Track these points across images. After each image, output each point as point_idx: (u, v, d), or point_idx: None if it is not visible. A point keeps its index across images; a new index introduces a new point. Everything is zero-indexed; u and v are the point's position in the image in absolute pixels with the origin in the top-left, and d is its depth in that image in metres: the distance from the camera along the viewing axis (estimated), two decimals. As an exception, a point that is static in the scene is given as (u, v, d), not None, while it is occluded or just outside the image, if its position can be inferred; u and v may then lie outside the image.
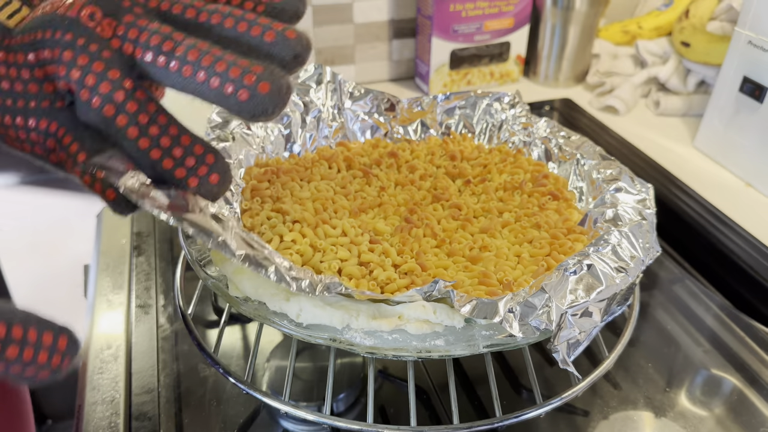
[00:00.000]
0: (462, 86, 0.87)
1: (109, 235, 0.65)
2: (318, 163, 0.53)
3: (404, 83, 0.91)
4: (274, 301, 0.36)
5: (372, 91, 0.58)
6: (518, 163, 0.53)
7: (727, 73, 0.70)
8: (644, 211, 0.42)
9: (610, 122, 0.79)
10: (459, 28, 0.82)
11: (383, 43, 0.88)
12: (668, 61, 0.83)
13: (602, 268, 0.37)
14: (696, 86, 0.82)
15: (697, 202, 0.65)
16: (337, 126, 0.57)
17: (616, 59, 0.88)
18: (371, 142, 0.57)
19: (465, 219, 0.47)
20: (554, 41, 0.85)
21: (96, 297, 0.57)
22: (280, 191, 0.48)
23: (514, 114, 0.56)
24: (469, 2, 0.80)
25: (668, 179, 0.68)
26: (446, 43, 0.82)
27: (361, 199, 0.49)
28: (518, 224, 0.47)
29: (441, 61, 0.84)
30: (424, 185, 0.52)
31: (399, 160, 0.54)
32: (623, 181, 0.46)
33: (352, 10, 0.83)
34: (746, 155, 0.68)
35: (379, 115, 0.58)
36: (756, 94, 0.66)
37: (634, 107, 0.83)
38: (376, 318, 0.34)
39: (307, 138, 0.55)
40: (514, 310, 0.34)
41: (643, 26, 0.89)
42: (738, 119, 0.69)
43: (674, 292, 0.56)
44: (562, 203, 0.48)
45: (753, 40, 0.66)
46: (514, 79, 0.89)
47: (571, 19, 0.83)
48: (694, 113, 0.81)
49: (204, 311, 0.55)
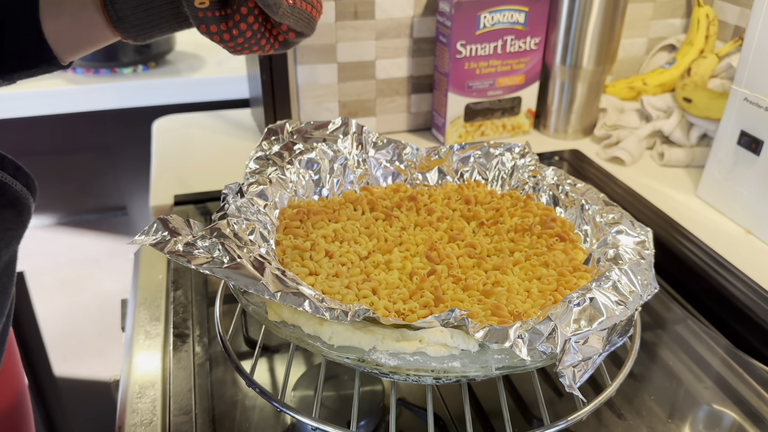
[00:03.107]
0: (476, 137, 0.93)
1: (146, 272, 0.69)
2: (344, 206, 0.58)
3: (421, 134, 0.97)
4: (308, 325, 0.40)
5: (393, 141, 0.63)
6: (528, 207, 0.57)
7: (726, 128, 0.74)
8: (643, 252, 0.47)
9: (617, 172, 0.84)
10: (473, 85, 0.88)
11: (402, 97, 0.94)
12: (672, 115, 0.88)
13: (603, 301, 0.41)
14: (698, 139, 0.87)
15: (699, 248, 0.69)
16: (362, 172, 0.62)
17: (622, 113, 0.93)
18: (392, 187, 0.62)
19: (479, 257, 0.52)
20: (563, 97, 0.91)
21: (134, 328, 0.61)
22: (309, 229, 0.53)
23: (524, 163, 0.61)
24: (482, 61, 0.86)
25: (672, 226, 0.72)
26: (461, 98, 0.88)
27: (384, 239, 0.54)
28: (528, 263, 0.51)
29: (456, 113, 0.90)
30: (441, 226, 0.57)
31: (418, 204, 0.59)
32: (624, 224, 0.50)
33: (375, 67, 0.90)
34: (746, 204, 0.72)
35: (400, 162, 0.64)
36: (753, 147, 0.71)
37: (639, 158, 0.88)
38: (399, 341, 0.38)
39: (334, 183, 0.60)
40: (523, 336, 0.38)
41: (648, 83, 0.95)
42: (737, 170, 0.73)
43: (677, 332, 0.60)
44: (569, 244, 0.52)
45: (749, 97, 0.71)
46: (525, 131, 0.95)
47: (579, 76, 0.89)
48: (696, 164, 0.86)
49: (236, 342, 0.59)
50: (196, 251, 0.40)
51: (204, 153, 0.90)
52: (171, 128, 0.97)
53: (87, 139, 1.07)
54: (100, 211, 1.10)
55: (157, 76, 1.07)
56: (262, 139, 0.60)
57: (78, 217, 1.11)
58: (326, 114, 0.92)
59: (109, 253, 1.11)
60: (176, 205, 0.77)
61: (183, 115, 0.99)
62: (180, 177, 0.84)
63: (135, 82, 1.04)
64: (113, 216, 1.10)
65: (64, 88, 1.00)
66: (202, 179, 0.82)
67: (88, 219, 1.11)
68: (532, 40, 0.87)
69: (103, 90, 1.02)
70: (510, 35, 0.86)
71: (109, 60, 1.04)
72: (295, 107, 0.90)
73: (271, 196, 0.54)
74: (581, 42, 0.86)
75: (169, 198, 0.78)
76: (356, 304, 0.40)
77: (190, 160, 0.88)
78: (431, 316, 0.38)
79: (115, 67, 1.06)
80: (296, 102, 0.90)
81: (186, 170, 0.86)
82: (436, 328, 0.39)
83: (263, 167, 0.56)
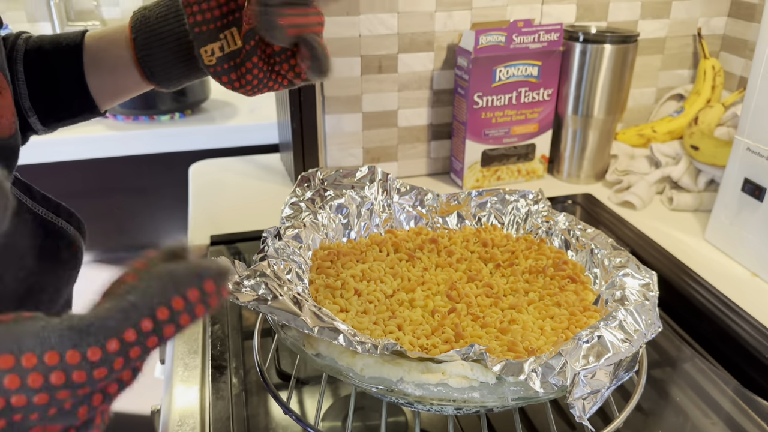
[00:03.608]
0: (492, 182, 0.98)
1: (184, 307, 0.74)
2: (371, 247, 0.63)
3: (440, 177, 1.02)
4: (342, 357, 0.44)
5: (415, 188, 0.69)
6: (541, 250, 0.62)
7: (731, 175, 0.79)
8: (648, 293, 0.51)
9: (628, 216, 0.88)
10: (489, 132, 0.93)
11: (423, 144, 1.00)
12: (680, 161, 0.93)
13: (610, 339, 0.44)
14: (706, 185, 0.91)
15: (707, 290, 0.72)
16: (387, 216, 0.67)
17: (633, 159, 0.98)
18: (415, 230, 0.67)
19: (496, 297, 0.56)
20: (575, 144, 0.96)
21: (174, 361, 0.66)
22: (340, 269, 0.58)
23: (537, 209, 0.66)
24: (498, 111, 0.92)
25: (681, 269, 0.76)
26: (478, 145, 0.94)
27: (407, 279, 0.58)
28: (542, 302, 0.55)
29: (473, 159, 0.95)
30: (461, 267, 0.61)
31: (439, 246, 0.64)
32: (630, 267, 0.54)
33: (397, 116, 0.96)
34: (751, 248, 0.76)
35: (422, 207, 0.68)
36: (756, 194, 0.75)
37: (649, 203, 0.92)
38: (424, 373, 0.42)
39: (362, 226, 0.65)
40: (537, 370, 0.42)
41: (657, 130, 1.00)
42: (742, 215, 0.77)
43: (685, 370, 0.63)
44: (579, 286, 0.56)
45: (751, 147, 0.75)
46: (540, 175, 1.00)
47: (590, 125, 0.94)
48: (704, 209, 0.89)
49: (269, 374, 0.63)
50: (243, 289, 0.45)
51: (236, 196, 0.96)
52: (206, 172, 1.03)
53: (126, 182, 1.14)
54: (135, 249, 1.16)
55: (193, 123, 1.14)
56: (296, 185, 0.66)
57: (115, 254, 1.17)
58: (351, 159, 0.98)
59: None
60: (212, 245, 0.82)
61: (217, 159, 1.06)
62: (214, 218, 0.89)
63: (172, 128, 1.11)
64: (147, 254, 1.16)
65: (107, 134, 1.08)
66: (235, 221, 0.88)
67: (123, 257, 1.17)
68: (545, 92, 0.93)
69: (143, 136, 1.09)
70: (524, 87, 0.91)
71: (148, 108, 1.12)
72: (322, 153, 0.96)
73: (305, 239, 0.59)
74: (592, 93, 0.91)
75: (205, 238, 0.83)
76: (385, 339, 0.44)
77: (223, 202, 0.94)
78: (453, 351, 0.43)
79: (154, 115, 1.13)
80: (323, 148, 0.96)
81: (220, 212, 0.91)
82: (457, 361, 0.43)
83: (297, 212, 0.62)
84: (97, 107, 0.57)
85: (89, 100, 0.56)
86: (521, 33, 0.88)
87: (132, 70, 0.55)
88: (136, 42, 0.53)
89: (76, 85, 0.55)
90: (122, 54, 0.54)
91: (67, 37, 0.56)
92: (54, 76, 0.55)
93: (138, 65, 0.54)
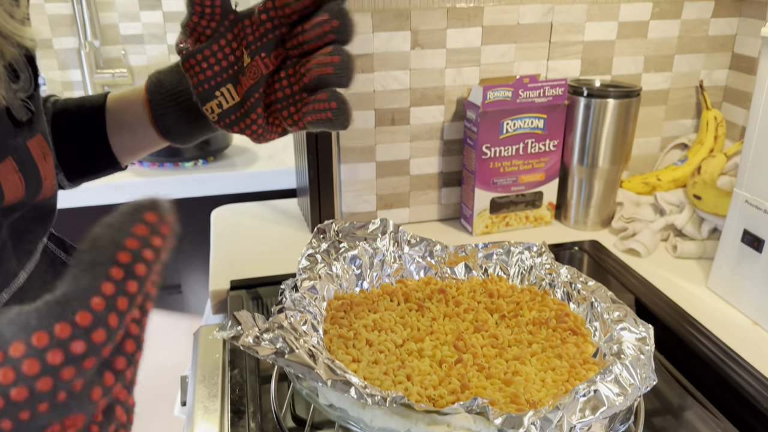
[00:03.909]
0: (501, 227, 1.01)
1: (205, 351, 0.78)
2: (382, 297, 0.66)
3: (451, 223, 1.05)
4: (353, 408, 0.48)
5: (425, 240, 0.72)
6: (545, 302, 0.65)
7: (730, 226, 0.81)
8: (643, 348, 0.53)
9: (633, 263, 0.91)
10: (498, 181, 0.97)
11: (434, 191, 1.04)
12: (684, 210, 0.96)
13: (606, 393, 0.47)
14: (709, 233, 0.93)
15: (708, 338, 0.74)
16: (398, 267, 0.71)
17: (638, 207, 1.01)
18: (425, 279, 0.71)
19: (501, 347, 0.59)
20: (581, 192, 0.99)
21: (195, 403, 0.69)
22: (352, 319, 0.61)
23: (541, 261, 0.69)
24: (506, 161, 0.96)
25: (683, 317, 0.78)
26: (487, 193, 0.97)
27: (416, 329, 0.62)
28: (544, 354, 0.58)
29: (483, 206, 0.98)
30: (468, 317, 0.64)
31: (447, 296, 0.67)
32: (628, 321, 0.57)
33: (409, 165, 1.00)
34: (752, 297, 0.78)
35: (431, 258, 0.72)
36: (755, 245, 0.78)
37: (654, 250, 0.95)
38: (430, 425, 0.46)
39: (374, 276, 0.69)
40: (536, 423, 0.45)
41: (661, 179, 1.03)
42: (742, 265, 0.79)
43: (686, 418, 0.65)
44: (580, 338, 0.59)
45: (749, 200, 0.78)
46: (548, 222, 1.03)
47: (596, 174, 0.97)
48: (708, 256, 0.92)
49: (284, 419, 0.66)
50: (263, 343, 0.49)
51: (255, 240, 1.00)
52: (227, 217, 1.08)
53: (150, 226, 1.19)
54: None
55: (216, 169, 1.19)
56: (312, 236, 0.70)
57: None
58: (365, 206, 1.02)
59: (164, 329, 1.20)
60: (232, 289, 0.86)
61: (238, 204, 1.11)
62: (234, 262, 0.94)
63: (196, 174, 1.16)
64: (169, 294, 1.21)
65: (134, 180, 1.13)
66: (254, 265, 0.92)
67: (146, 296, 1.21)
68: (551, 143, 0.97)
69: (168, 182, 1.15)
70: (531, 138, 0.95)
71: (173, 155, 1.18)
72: (338, 200, 1.01)
73: (320, 290, 0.63)
74: (596, 145, 0.95)
75: (225, 283, 0.87)
76: (393, 391, 0.48)
77: (243, 247, 0.98)
78: (458, 404, 0.46)
79: (179, 161, 1.19)
80: (339, 195, 1.01)
81: (240, 256, 0.96)
82: (461, 414, 0.46)
83: (313, 264, 0.65)
84: (119, 163, 0.63)
85: (111, 157, 0.62)
86: (527, 88, 0.92)
87: (149, 129, 0.60)
88: (152, 103, 0.59)
89: (99, 144, 0.61)
90: (140, 114, 0.60)
91: (90, 100, 0.61)
92: (79, 136, 0.60)
93: (154, 124, 0.59)
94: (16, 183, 0.46)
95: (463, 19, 0.93)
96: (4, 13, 0.45)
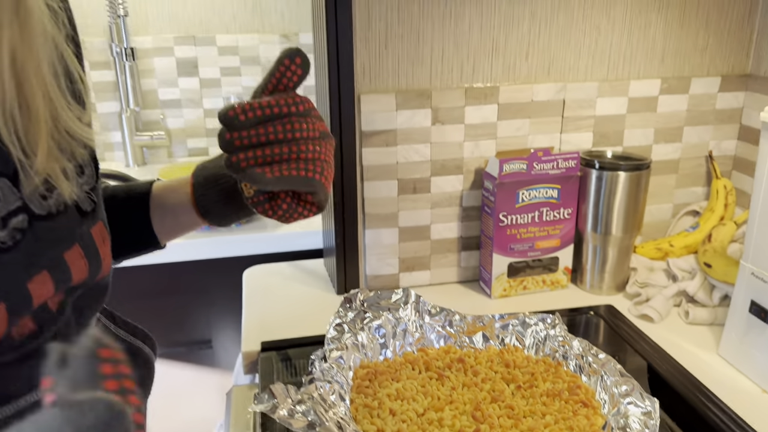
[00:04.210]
0: (519, 291, 1.05)
1: (237, 411, 0.83)
2: (404, 366, 0.71)
3: (470, 285, 1.10)
4: (378, 478, 0.52)
5: (444, 310, 0.77)
6: (558, 373, 0.69)
7: (738, 296, 0.85)
8: (648, 422, 0.57)
9: (647, 329, 0.94)
10: (515, 247, 1.02)
11: (453, 254, 1.09)
12: (696, 276, 0.99)
13: (612, 468, 0.51)
14: (720, 300, 0.97)
15: (718, 406, 0.77)
16: (419, 336, 0.76)
17: (651, 272, 1.05)
18: (444, 348, 0.75)
19: (516, 418, 0.63)
20: (596, 257, 1.04)
21: (228, 464, 0.74)
22: (377, 389, 0.66)
23: (554, 333, 0.73)
24: (522, 228, 1.01)
25: (694, 384, 0.81)
26: (505, 258, 1.02)
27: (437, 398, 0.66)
28: (557, 426, 0.62)
29: (500, 270, 1.03)
30: (485, 387, 0.69)
31: (465, 365, 0.72)
32: (634, 396, 0.61)
33: (430, 230, 1.06)
34: (761, 365, 0.81)
35: (451, 327, 0.77)
36: (762, 316, 0.81)
37: (667, 315, 0.98)
38: (448, 496, 0.50)
39: (396, 345, 0.74)
40: (546, 496, 0.49)
41: (674, 245, 1.07)
42: (750, 335, 0.83)
43: (696, 488, 0.68)
44: (590, 410, 0.63)
45: (755, 272, 0.82)
46: (564, 285, 1.07)
47: (609, 242, 1.02)
48: (719, 323, 0.95)
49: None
50: (296, 415, 0.54)
51: (284, 301, 1.06)
52: (258, 277, 1.14)
53: (186, 284, 1.26)
54: (188, 345, 1.26)
55: (248, 231, 1.26)
56: (340, 306, 0.75)
57: (169, 349, 1.27)
58: (388, 268, 1.07)
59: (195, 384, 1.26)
60: (263, 351, 0.92)
61: (268, 265, 1.17)
62: (264, 323, 0.99)
63: (229, 236, 1.23)
64: (199, 349, 1.26)
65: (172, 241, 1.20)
66: (283, 326, 0.97)
67: (178, 351, 1.27)
68: (565, 211, 1.02)
69: (203, 243, 1.22)
70: (545, 207, 1.01)
71: (208, 217, 1.25)
72: (362, 263, 1.06)
73: (347, 360, 0.68)
74: (609, 214, 1.00)
75: (257, 345, 0.92)
76: (415, 462, 0.52)
77: (273, 307, 1.04)
78: (473, 476, 0.50)
79: (213, 223, 1.27)
80: (363, 258, 1.06)
81: (269, 317, 1.01)
82: (477, 485, 0.50)
83: (340, 333, 0.71)
84: (160, 243, 0.69)
85: (153, 238, 0.68)
86: (541, 161, 0.98)
87: (190, 211, 0.66)
88: (195, 186, 0.65)
89: (143, 228, 0.68)
90: (183, 197, 0.66)
91: (137, 188, 0.69)
92: (125, 221, 0.67)
93: (195, 206, 0.65)
94: (81, 266, 0.53)
95: (479, 98, 1.00)
96: (75, 118, 0.52)
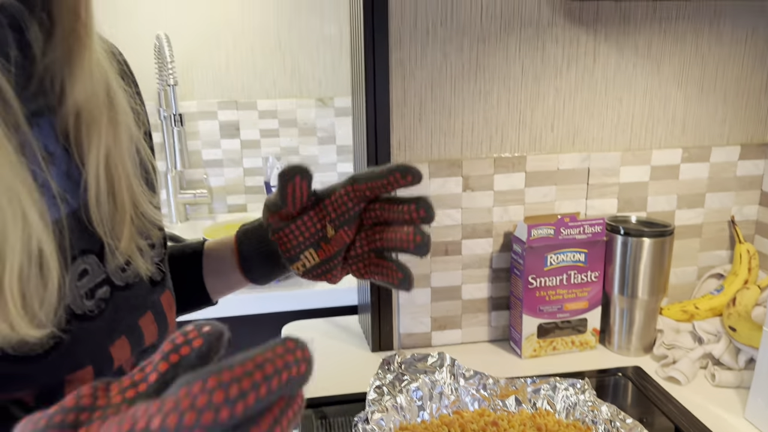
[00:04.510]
0: (548, 351, 1.09)
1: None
2: (441, 428, 0.75)
3: (500, 344, 1.14)
4: None
5: (479, 373, 0.81)
6: (588, 438, 0.72)
7: (763, 360, 0.87)
8: (676, 491, 0.60)
9: (674, 391, 0.97)
10: (544, 308, 1.06)
11: (484, 314, 1.13)
12: (721, 339, 1.02)
13: None
14: (746, 363, 0.99)
15: (746, 472, 0.79)
16: (454, 398, 0.80)
17: (678, 334, 1.07)
18: (479, 411, 0.79)
19: (548, 482, 0.66)
20: (623, 320, 1.07)
21: None
22: (416, 451, 0.70)
23: (584, 398, 0.77)
24: (551, 290, 1.05)
25: (722, 449, 0.83)
26: (534, 319, 1.06)
27: (472, 460, 0.70)
28: (587, 490, 0.65)
29: (530, 331, 1.07)
30: (518, 450, 0.72)
31: (499, 428, 0.75)
32: (662, 464, 0.64)
33: (461, 290, 1.11)
34: (788, 433, 0.83)
35: (485, 390, 0.81)
36: (787, 383, 0.83)
37: (694, 378, 1.00)
38: None
39: (433, 408, 0.78)
40: None
41: (699, 307, 1.10)
42: (777, 401, 0.85)
43: None
44: (620, 476, 0.66)
45: (779, 339, 0.85)
46: (593, 346, 1.10)
47: (636, 305, 1.05)
48: (745, 386, 0.97)
49: None
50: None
51: (320, 358, 1.11)
52: (295, 332, 1.20)
53: (227, 339, 1.32)
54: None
55: (285, 288, 1.32)
56: (379, 368, 0.80)
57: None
58: (421, 327, 1.12)
59: None
60: (302, 408, 0.96)
61: (305, 321, 1.22)
62: (303, 380, 1.04)
63: (268, 293, 1.29)
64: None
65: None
66: (319, 383, 1.02)
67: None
68: (592, 274, 1.06)
69: (243, 300, 1.28)
70: (573, 270, 1.05)
71: (248, 274, 1.32)
72: (396, 321, 1.11)
73: (387, 422, 0.72)
74: (635, 278, 1.03)
75: (297, 402, 0.97)
76: None
77: (310, 364, 1.09)
78: None
79: (252, 279, 1.33)
80: (397, 317, 1.11)
81: (308, 374, 1.06)
82: None
83: (380, 395, 0.75)
84: (212, 300, 0.75)
85: (206, 295, 0.74)
86: (567, 227, 1.03)
87: (237, 273, 0.72)
88: (240, 252, 0.71)
89: (197, 286, 0.74)
90: (230, 259, 0.72)
91: (190, 247, 0.75)
92: (181, 279, 0.73)
93: (240, 269, 0.71)
94: (153, 331, 0.59)
95: (508, 167, 1.06)
96: (149, 203, 0.59)
